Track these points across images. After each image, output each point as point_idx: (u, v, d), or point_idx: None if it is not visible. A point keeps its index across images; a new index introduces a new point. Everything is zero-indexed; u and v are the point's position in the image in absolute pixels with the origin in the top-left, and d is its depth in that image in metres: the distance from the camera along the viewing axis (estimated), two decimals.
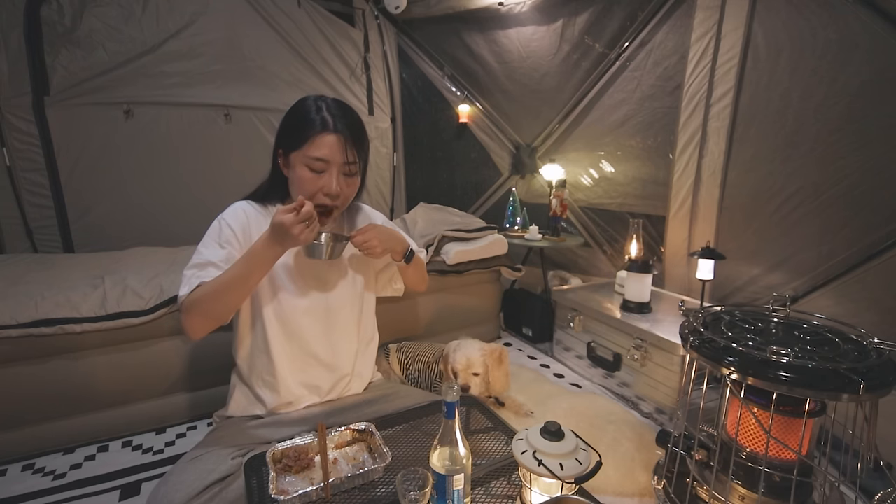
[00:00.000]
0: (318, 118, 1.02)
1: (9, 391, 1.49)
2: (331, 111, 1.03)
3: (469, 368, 1.56)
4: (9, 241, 2.33)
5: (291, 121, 1.06)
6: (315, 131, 1.01)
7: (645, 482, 1.31)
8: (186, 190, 2.64)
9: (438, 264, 2.13)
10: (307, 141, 1.01)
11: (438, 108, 3.23)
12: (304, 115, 1.03)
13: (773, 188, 1.94)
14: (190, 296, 0.98)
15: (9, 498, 1.35)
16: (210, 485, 0.94)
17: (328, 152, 1.02)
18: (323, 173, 1.03)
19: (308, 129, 1.01)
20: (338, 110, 1.05)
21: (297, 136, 1.03)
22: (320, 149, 1.01)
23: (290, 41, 2.78)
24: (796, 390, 0.88)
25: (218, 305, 0.99)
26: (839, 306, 1.79)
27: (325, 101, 1.05)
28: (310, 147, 1.01)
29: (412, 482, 0.81)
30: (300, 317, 1.15)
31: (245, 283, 1.00)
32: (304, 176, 1.03)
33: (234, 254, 1.05)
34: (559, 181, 2.56)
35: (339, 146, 1.02)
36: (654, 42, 2.28)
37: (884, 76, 1.62)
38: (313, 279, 1.16)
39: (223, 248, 1.05)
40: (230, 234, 1.07)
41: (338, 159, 1.03)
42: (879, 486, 1.08)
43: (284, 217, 0.90)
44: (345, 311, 1.22)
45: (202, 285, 0.98)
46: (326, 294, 1.18)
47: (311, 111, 1.03)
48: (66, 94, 2.31)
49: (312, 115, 1.02)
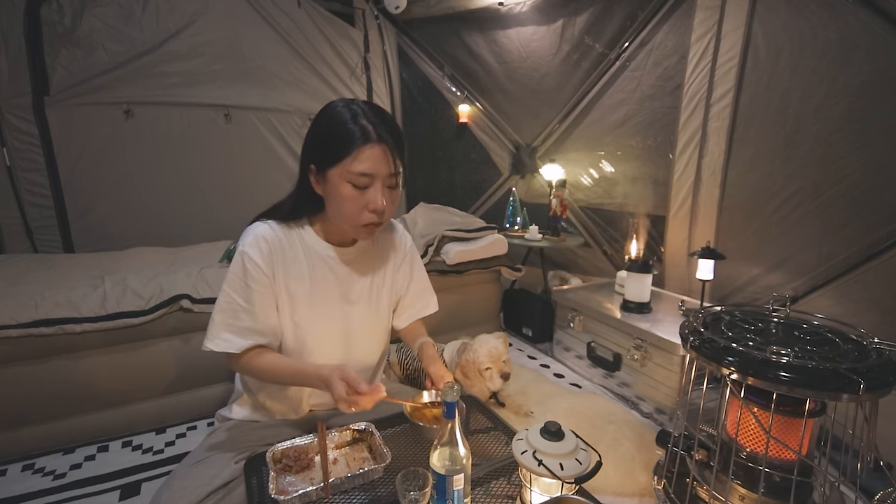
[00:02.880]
0: (357, 128, 0.91)
1: (9, 391, 1.49)
2: (369, 118, 0.92)
3: (500, 357, 1.53)
4: (9, 241, 2.33)
5: (324, 132, 0.95)
6: (356, 144, 0.90)
7: (645, 482, 1.31)
8: (187, 190, 2.64)
9: (438, 264, 2.13)
10: (348, 155, 0.90)
11: (438, 108, 3.23)
12: (341, 126, 0.92)
13: (773, 188, 1.93)
14: (241, 365, 1.03)
15: (9, 498, 1.35)
16: (213, 491, 0.93)
17: (373, 166, 0.91)
18: (367, 189, 0.93)
19: (348, 141, 0.91)
20: (376, 117, 0.94)
21: (335, 149, 0.92)
22: (364, 163, 0.91)
23: (290, 41, 2.78)
24: (796, 390, 0.88)
25: (271, 381, 1.09)
26: (839, 306, 1.79)
27: (359, 107, 0.94)
28: (352, 162, 0.91)
29: (412, 482, 0.81)
30: (323, 344, 1.10)
31: (294, 384, 1.08)
32: (347, 194, 0.93)
33: (263, 291, 1.00)
34: (559, 181, 2.56)
35: (384, 158, 0.92)
36: (654, 42, 2.28)
37: (884, 76, 1.62)
38: (336, 304, 1.10)
39: (250, 288, 0.99)
40: (255, 269, 0.99)
41: (383, 172, 0.93)
42: (879, 486, 1.08)
43: (339, 390, 0.89)
44: (366, 339, 1.17)
45: (252, 357, 1.01)
46: (348, 321, 1.11)
47: (348, 121, 0.92)
48: (66, 94, 2.31)
49: (350, 125, 0.91)
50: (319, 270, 1.06)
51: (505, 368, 1.51)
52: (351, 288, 1.10)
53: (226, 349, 0.99)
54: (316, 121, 0.98)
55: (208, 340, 1.00)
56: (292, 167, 2.85)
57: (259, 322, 1.01)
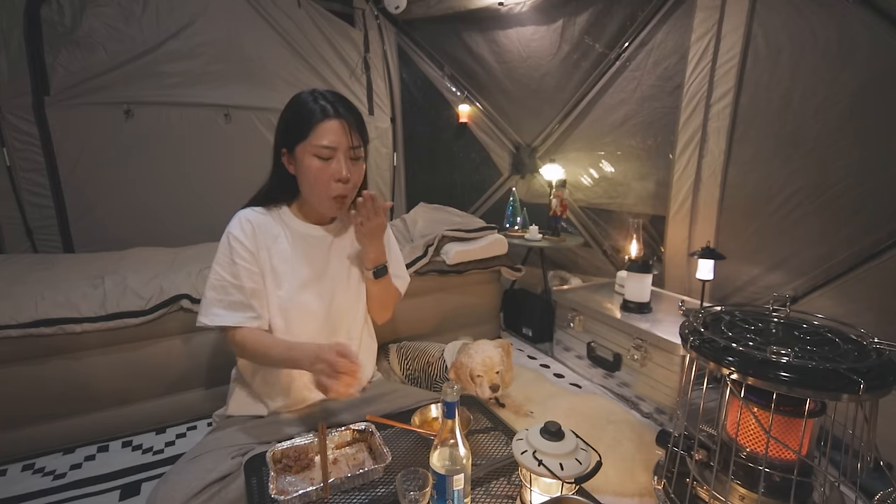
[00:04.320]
0: (318, 107, 1.04)
1: (9, 391, 1.49)
2: (327, 99, 1.06)
3: (493, 368, 1.53)
4: (9, 241, 2.33)
5: (291, 115, 1.08)
6: (317, 119, 1.03)
7: (645, 482, 1.31)
8: (187, 190, 2.64)
9: (438, 264, 2.13)
10: (311, 130, 1.03)
11: (438, 108, 3.23)
12: (303, 107, 1.05)
13: (773, 188, 1.93)
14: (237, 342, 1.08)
15: (9, 498, 1.35)
16: (209, 484, 0.94)
17: (334, 138, 1.04)
18: (331, 160, 1.05)
19: (310, 119, 1.04)
20: (333, 97, 1.07)
21: (300, 128, 1.04)
22: (326, 135, 1.03)
23: (290, 41, 2.78)
24: (796, 390, 0.88)
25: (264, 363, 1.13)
26: (839, 306, 1.79)
27: (319, 92, 1.08)
28: (315, 136, 1.03)
29: (412, 482, 0.81)
30: (307, 321, 1.16)
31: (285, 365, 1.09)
32: (313, 165, 1.05)
33: (248, 266, 1.08)
34: (559, 181, 2.56)
35: (343, 131, 1.04)
36: (654, 42, 2.28)
37: (884, 76, 1.62)
38: (317, 280, 1.17)
39: (237, 265, 1.08)
40: (239, 247, 1.08)
41: (343, 144, 1.05)
42: (879, 486, 1.08)
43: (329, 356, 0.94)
44: (350, 312, 1.23)
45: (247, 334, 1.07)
46: (331, 294, 1.18)
47: (309, 102, 1.05)
48: (66, 94, 2.31)
49: (311, 105, 1.05)
50: (300, 247, 1.15)
51: (496, 380, 1.50)
52: (329, 263, 1.18)
53: (219, 323, 1.07)
54: (284, 109, 1.11)
55: (202, 316, 1.08)
56: None
57: (247, 296, 1.08)
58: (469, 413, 1.12)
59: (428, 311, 2.17)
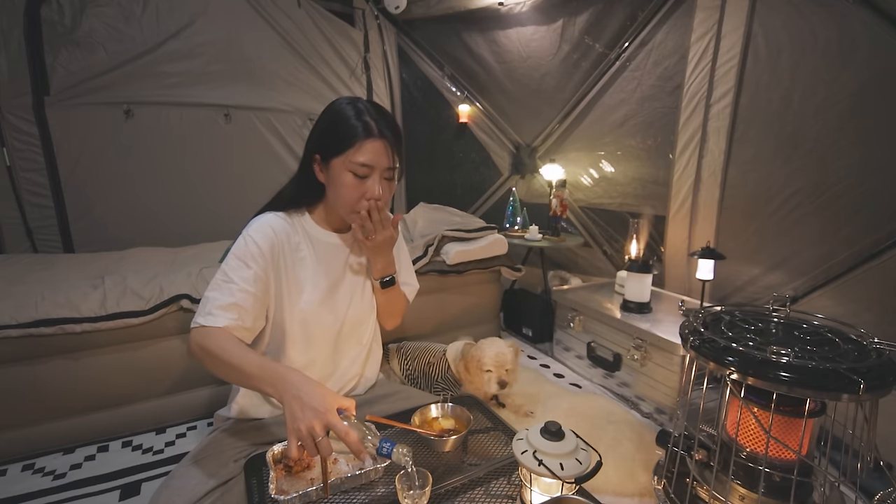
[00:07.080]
0: (361, 123, 1.01)
1: (9, 391, 1.49)
2: (371, 115, 1.03)
3: (504, 365, 1.54)
4: (9, 241, 2.33)
5: (329, 126, 1.05)
6: (360, 138, 1.00)
7: (645, 482, 1.31)
8: (187, 190, 2.64)
9: (438, 264, 2.13)
10: (351, 147, 1.00)
11: (438, 108, 3.23)
12: (345, 121, 1.02)
13: (773, 188, 1.93)
14: (202, 340, 0.95)
15: (9, 498, 1.35)
16: (212, 489, 0.94)
17: (373, 158, 1.01)
18: (366, 179, 1.03)
19: (352, 135, 1.00)
20: (378, 114, 1.04)
21: (339, 141, 1.01)
22: (365, 154, 1.01)
23: (290, 41, 2.78)
24: (796, 390, 0.88)
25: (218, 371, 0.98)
26: (839, 306, 1.79)
27: (363, 104, 1.04)
28: (354, 153, 1.00)
29: (412, 482, 0.81)
30: (325, 329, 1.15)
31: (248, 383, 0.94)
32: (348, 182, 1.02)
33: (260, 273, 1.04)
34: (559, 181, 2.56)
35: (383, 152, 1.02)
36: (654, 42, 2.28)
37: (884, 76, 1.62)
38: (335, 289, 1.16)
39: (249, 268, 1.03)
40: (256, 251, 1.04)
41: (382, 164, 1.03)
42: (879, 486, 1.08)
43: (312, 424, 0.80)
44: (364, 320, 1.24)
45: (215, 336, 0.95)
46: (348, 303, 1.18)
47: (351, 116, 1.02)
48: (66, 94, 2.31)
49: (353, 120, 1.01)
50: (320, 257, 1.14)
51: (504, 377, 1.52)
52: (345, 272, 1.18)
53: (212, 323, 0.98)
54: (322, 116, 1.07)
55: (199, 316, 1.00)
56: (292, 167, 2.83)
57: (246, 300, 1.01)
58: (469, 413, 1.12)
59: (428, 311, 2.17)
